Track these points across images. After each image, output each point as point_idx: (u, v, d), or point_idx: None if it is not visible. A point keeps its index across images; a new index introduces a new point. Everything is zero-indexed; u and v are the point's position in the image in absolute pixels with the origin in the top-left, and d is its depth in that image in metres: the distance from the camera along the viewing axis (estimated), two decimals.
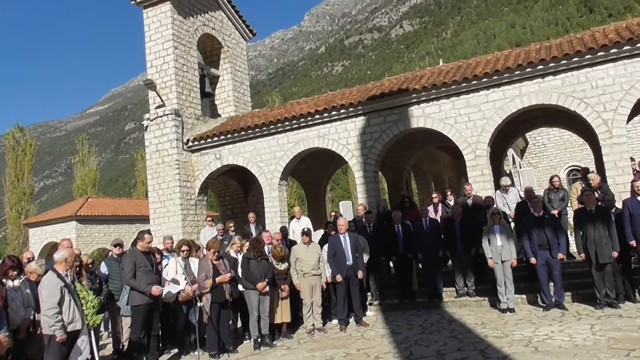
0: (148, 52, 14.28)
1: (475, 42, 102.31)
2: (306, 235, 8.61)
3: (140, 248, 7.17)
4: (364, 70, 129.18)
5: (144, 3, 14.25)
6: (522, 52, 11.70)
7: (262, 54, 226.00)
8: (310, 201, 17.59)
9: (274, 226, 12.62)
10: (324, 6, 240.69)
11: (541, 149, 25.92)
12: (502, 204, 10.30)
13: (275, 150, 13.34)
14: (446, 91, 11.27)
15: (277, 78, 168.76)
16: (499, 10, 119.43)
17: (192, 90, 14.53)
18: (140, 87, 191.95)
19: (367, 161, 12.23)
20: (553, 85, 10.39)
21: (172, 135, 13.66)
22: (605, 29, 11.19)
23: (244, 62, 17.11)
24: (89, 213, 29.06)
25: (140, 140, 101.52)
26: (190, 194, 13.93)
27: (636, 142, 23.36)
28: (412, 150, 15.74)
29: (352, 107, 12.22)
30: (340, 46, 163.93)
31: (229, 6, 16.41)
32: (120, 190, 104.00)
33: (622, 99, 9.79)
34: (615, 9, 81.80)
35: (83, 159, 41.66)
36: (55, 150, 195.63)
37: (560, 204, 9.78)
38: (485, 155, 11.04)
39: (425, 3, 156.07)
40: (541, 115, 13.48)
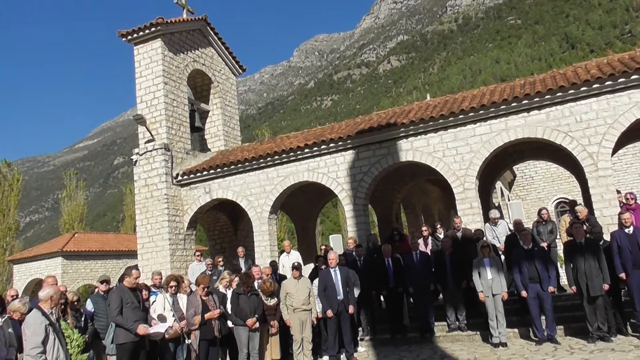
0: (138, 87, 14.37)
1: (461, 77, 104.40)
2: (296, 270, 8.53)
3: (127, 284, 7.04)
4: (353, 105, 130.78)
5: (135, 40, 14.42)
6: (508, 87, 11.94)
7: (252, 88, 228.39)
8: (300, 235, 17.50)
9: (264, 260, 12.50)
10: (312, 42, 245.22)
11: (529, 181, 26.16)
12: (491, 236, 10.33)
13: (265, 184, 13.34)
14: (434, 125, 11.42)
15: (267, 112, 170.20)
16: (483, 46, 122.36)
17: (182, 125, 14.59)
18: (130, 121, 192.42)
19: (356, 194, 12.25)
20: (538, 119, 10.57)
21: (162, 169, 13.62)
22: (588, 64, 11.49)
23: (233, 97, 17.27)
24: (76, 249, 28.60)
25: (129, 174, 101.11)
26: (179, 229, 13.81)
27: (622, 175, 23.68)
28: (402, 183, 15.82)
29: (341, 141, 12.31)
30: (329, 81, 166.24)
31: (219, 43, 16.66)
32: (108, 225, 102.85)
33: (606, 133, 9.98)
34: (596, 45, 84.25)
35: (70, 193, 41.27)
36: (42, 185, 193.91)
37: (549, 237, 9.83)
38: (474, 188, 11.12)
39: (411, 40, 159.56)
40: (528, 149, 13.66)
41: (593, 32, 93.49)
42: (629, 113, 9.85)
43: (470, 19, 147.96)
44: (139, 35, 14.27)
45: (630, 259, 7.68)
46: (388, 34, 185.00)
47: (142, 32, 14.18)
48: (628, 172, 24.15)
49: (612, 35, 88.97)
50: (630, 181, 23.62)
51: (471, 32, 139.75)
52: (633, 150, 23.73)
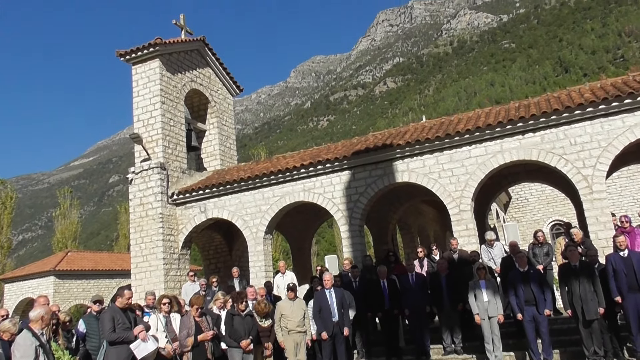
0: (135, 106, 14.42)
1: (457, 99, 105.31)
2: (291, 291, 8.47)
3: (119, 304, 6.96)
4: (349, 125, 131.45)
5: (133, 60, 14.52)
6: (502, 110, 12.04)
7: (249, 108, 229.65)
8: (296, 255, 17.41)
9: (259, 281, 12.41)
10: (309, 63, 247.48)
11: (524, 203, 26.22)
12: (487, 258, 10.30)
13: (260, 204, 13.31)
14: (429, 147, 11.48)
15: (263, 132, 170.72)
16: (478, 69, 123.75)
17: (179, 144, 14.60)
18: (126, 140, 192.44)
19: (352, 215, 12.24)
20: (533, 142, 10.65)
21: (157, 188, 13.59)
22: (581, 88, 11.62)
23: (230, 117, 17.34)
24: (68, 268, 28.32)
25: (124, 193, 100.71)
26: (174, 248, 13.72)
27: (616, 198, 23.79)
28: (397, 204, 15.82)
29: (337, 161, 12.34)
30: (326, 102, 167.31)
31: (217, 63, 16.79)
32: (101, 244, 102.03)
33: (600, 156, 10.04)
34: (589, 69, 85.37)
35: (64, 212, 41.01)
36: (36, 203, 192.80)
37: (545, 259, 9.81)
38: (470, 209, 11.13)
39: (407, 62, 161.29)
40: (523, 171, 13.72)
41: (586, 57, 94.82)
42: (622, 136, 9.94)
43: (465, 42, 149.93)
44: (137, 55, 14.37)
45: (625, 282, 7.67)
46: (384, 56, 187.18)
47: (140, 52, 14.28)
48: (622, 195, 24.27)
49: (605, 59, 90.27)
50: (624, 204, 23.72)
51: (466, 55, 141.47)
52: (627, 173, 23.88)
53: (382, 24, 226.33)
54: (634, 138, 9.88)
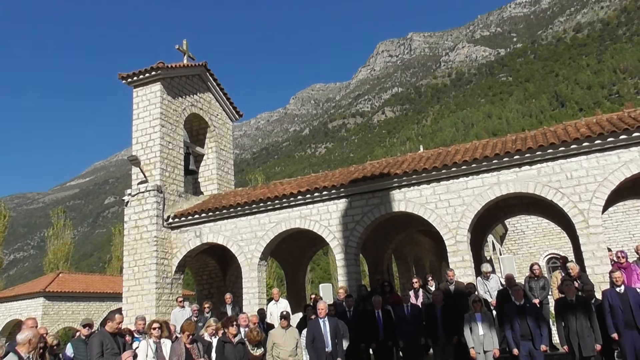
0: (135, 129, 14.46)
1: (454, 130, 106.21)
2: (284, 319, 8.36)
3: (109, 329, 6.85)
4: (347, 153, 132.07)
5: (135, 83, 14.62)
6: (499, 142, 12.12)
7: (248, 133, 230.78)
8: (290, 282, 17.25)
9: (252, 308, 12.27)
10: (309, 91, 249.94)
11: (520, 235, 26.19)
12: (483, 291, 10.22)
13: (256, 230, 13.25)
14: (427, 177, 11.51)
15: (261, 157, 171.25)
16: (475, 100, 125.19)
17: (176, 168, 14.60)
18: (124, 161, 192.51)
19: (348, 243, 12.18)
20: (530, 175, 10.69)
21: (153, 211, 13.53)
22: (577, 123, 11.74)
23: (229, 142, 17.40)
24: (59, 289, 27.90)
25: (119, 214, 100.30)
26: (167, 272, 13.58)
27: (612, 232, 23.80)
28: (394, 233, 15.77)
29: (334, 189, 12.34)
30: (324, 129, 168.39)
31: (218, 89, 16.92)
32: (94, 266, 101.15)
33: (596, 190, 10.08)
34: (585, 104, 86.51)
35: (58, 232, 40.65)
36: (30, 222, 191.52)
37: (541, 293, 9.74)
38: (466, 240, 11.09)
39: (406, 92, 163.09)
40: (519, 203, 13.75)
41: (582, 92, 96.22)
42: (618, 172, 10.00)
43: (463, 74, 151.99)
44: (139, 79, 14.47)
45: (622, 318, 7.60)
46: (383, 85, 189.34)
47: (142, 76, 14.39)
48: (619, 229, 24.30)
49: (600, 95, 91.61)
50: (620, 239, 23.72)
51: (464, 87, 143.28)
52: (623, 208, 23.97)
53: (382, 54, 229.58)
54: (629, 173, 9.95)
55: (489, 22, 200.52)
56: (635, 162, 9.91)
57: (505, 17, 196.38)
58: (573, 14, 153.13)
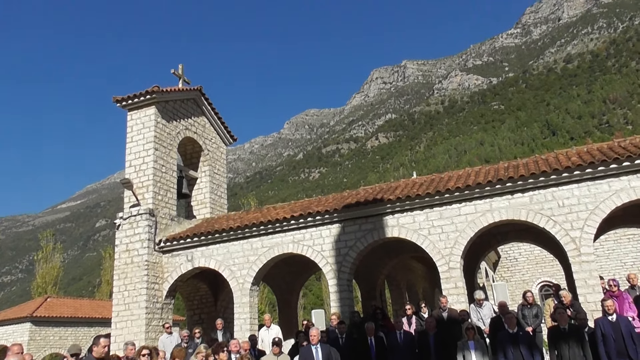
0: (128, 152, 14.46)
1: (447, 157, 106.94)
2: (276, 346, 8.27)
3: (96, 354, 6.70)
4: (340, 178, 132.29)
5: (130, 106, 14.67)
6: (492, 169, 12.22)
7: (241, 157, 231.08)
8: (282, 308, 17.07)
9: (243, 334, 12.11)
10: (303, 116, 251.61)
11: (513, 263, 26.17)
12: (476, 318, 10.17)
13: (248, 254, 13.17)
14: (420, 203, 11.54)
15: (255, 182, 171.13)
16: (468, 128, 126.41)
17: (169, 191, 14.57)
18: (116, 184, 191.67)
19: (341, 269, 12.12)
20: (522, 202, 10.76)
21: (144, 235, 13.43)
22: (568, 152, 11.88)
23: (222, 166, 17.42)
24: (46, 314, 27.41)
25: (110, 238, 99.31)
26: (157, 297, 13.42)
27: (604, 260, 23.84)
28: (387, 259, 15.72)
29: (327, 214, 12.34)
30: (318, 154, 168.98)
31: (212, 113, 17.02)
32: (83, 290, 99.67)
33: (587, 218, 10.15)
34: (576, 133, 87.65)
35: (47, 255, 40.13)
36: (19, 245, 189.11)
37: (534, 321, 9.71)
38: (459, 267, 11.08)
39: (399, 118, 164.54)
40: (512, 230, 13.78)
41: (573, 121, 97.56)
42: (609, 200, 10.09)
43: (456, 102, 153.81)
44: (134, 102, 14.53)
45: (614, 347, 7.59)
46: (377, 111, 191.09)
47: (137, 99, 14.46)
48: (610, 258, 24.35)
49: (590, 124, 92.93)
50: (612, 267, 23.76)
51: (457, 114, 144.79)
52: (614, 237, 24.05)
53: (376, 81, 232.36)
54: (620, 202, 10.04)
55: (481, 52, 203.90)
56: (626, 191, 10.02)
57: (497, 46, 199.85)
58: (563, 45, 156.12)
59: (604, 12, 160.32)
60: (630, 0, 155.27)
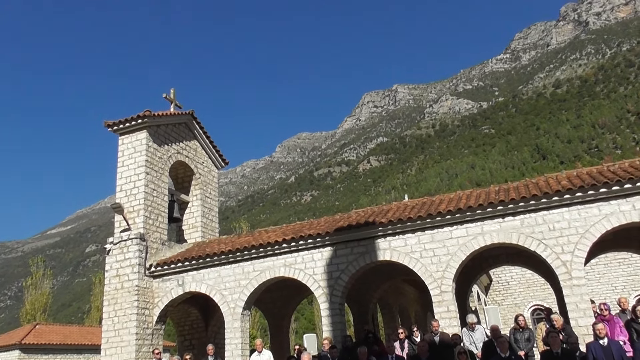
0: (119, 176, 14.42)
1: (438, 180, 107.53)
2: None
3: None
4: (332, 201, 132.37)
5: (121, 130, 14.68)
6: (483, 193, 12.30)
7: (233, 181, 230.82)
8: (274, 332, 16.87)
9: (235, 359, 11.95)
10: (295, 139, 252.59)
11: (505, 286, 26.14)
12: (468, 342, 10.12)
13: (240, 279, 13.08)
14: (412, 226, 11.57)
15: (246, 205, 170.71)
16: (459, 151, 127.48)
17: (160, 215, 14.51)
18: (106, 209, 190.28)
19: (333, 292, 12.05)
20: (513, 226, 10.81)
21: (135, 260, 13.32)
22: (558, 175, 11.99)
23: (214, 190, 17.40)
24: (35, 342, 26.97)
25: (100, 263, 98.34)
26: (148, 323, 13.25)
27: (595, 284, 23.87)
28: (379, 282, 15.66)
29: (319, 237, 12.32)
30: (310, 177, 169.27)
31: (204, 137, 17.07)
32: (72, 316, 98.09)
33: (578, 242, 10.21)
34: (566, 157, 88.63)
35: (36, 282, 39.59)
36: (7, 272, 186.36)
37: (526, 345, 9.68)
38: (451, 290, 11.06)
39: (391, 142, 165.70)
40: (503, 253, 13.81)
41: (562, 145, 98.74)
42: (599, 224, 10.16)
43: (447, 125, 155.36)
44: (125, 126, 14.55)
45: None
46: (368, 135, 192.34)
47: (128, 124, 14.48)
48: (601, 281, 24.40)
49: (580, 149, 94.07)
50: (603, 291, 23.79)
51: (448, 137, 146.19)
52: (605, 261, 24.13)
53: (367, 104, 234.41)
54: (610, 226, 10.12)
55: (471, 76, 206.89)
56: (616, 215, 10.11)
57: (487, 71, 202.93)
58: (552, 70, 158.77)
59: (592, 38, 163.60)
60: (618, 27, 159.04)
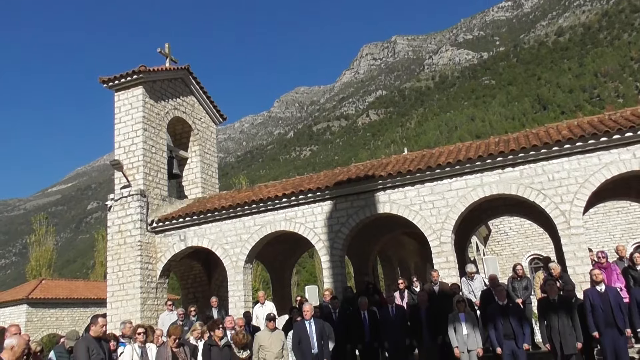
0: (117, 133, 14.34)
1: (438, 132, 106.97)
2: (271, 321, 8.35)
3: (93, 334, 6.78)
4: (332, 156, 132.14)
5: (116, 87, 14.50)
6: (483, 144, 12.26)
7: (232, 137, 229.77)
8: (276, 285, 17.22)
9: (238, 311, 12.23)
10: (293, 94, 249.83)
11: (503, 237, 26.47)
12: (467, 291, 10.32)
13: (241, 233, 13.21)
14: (411, 179, 11.59)
15: (246, 161, 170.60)
16: (459, 103, 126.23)
17: (160, 172, 14.51)
18: (106, 166, 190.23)
19: (333, 245, 12.21)
20: (512, 177, 10.83)
21: (136, 216, 13.42)
22: (559, 125, 11.91)
23: (213, 145, 17.33)
24: (42, 296, 27.54)
25: (102, 220, 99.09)
26: (152, 277, 13.48)
27: (593, 233, 24.15)
28: (379, 235, 15.83)
29: (319, 191, 12.37)
30: (309, 132, 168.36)
31: (201, 92, 16.86)
32: (77, 272, 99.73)
33: (577, 192, 10.24)
34: (567, 107, 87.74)
35: (40, 239, 40.09)
36: (11, 229, 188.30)
37: (524, 293, 9.87)
38: (450, 242, 11.19)
39: (390, 95, 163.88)
40: (502, 205, 13.89)
41: (564, 95, 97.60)
42: (598, 174, 10.17)
43: (447, 77, 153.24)
44: (120, 82, 14.36)
45: (603, 317, 7.74)
46: (367, 88, 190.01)
47: (124, 79, 14.29)
48: (599, 230, 24.67)
49: (581, 98, 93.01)
50: (601, 240, 24.09)
51: (447, 90, 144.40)
52: (603, 210, 24.34)
53: (366, 57, 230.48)
54: (609, 175, 10.13)
55: (472, 26, 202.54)
56: (615, 164, 10.10)
57: (488, 20, 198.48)
58: (555, 17, 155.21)
59: None
60: None
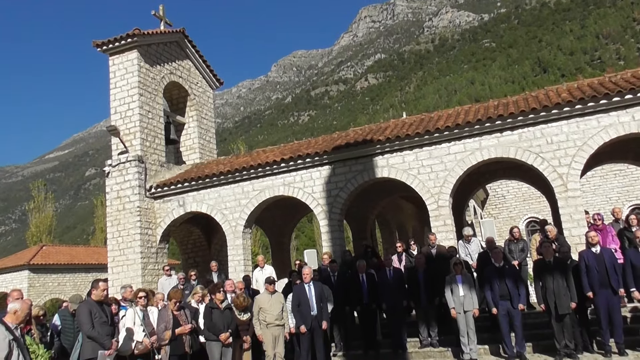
0: (113, 98, 14.20)
1: (437, 97, 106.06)
2: (271, 284, 8.47)
3: (95, 297, 6.86)
4: (330, 121, 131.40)
5: (110, 50, 14.27)
6: (482, 108, 12.19)
7: (229, 102, 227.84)
8: (275, 249, 17.40)
9: (237, 275, 12.38)
10: (290, 58, 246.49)
11: (501, 200, 26.61)
12: (464, 254, 10.44)
13: (240, 198, 13.26)
14: (409, 143, 11.57)
15: (244, 126, 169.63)
16: (459, 67, 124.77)
17: (157, 137, 14.44)
18: (103, 132, 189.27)
19: (332, 210, 12.28)
20: (511, 140, 10.81)
21: (135, 181, 13.43)
22: (559, 88, 11.82)
23: (210, 110, 17.20)
24: (43, 262, 27.81)
25: (100, 186, 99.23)
26: (152, 242, 13.59)
27: (590, 196, 24.28)
28: (377, 199, 15.91)
29: (317, 156, 12.36)
30: (307, 97, 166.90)
31: (197, 56, 16.62)
32: (77, 238, 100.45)
33: (575, 155, 10.25)
34: (567, 70, 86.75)
35: (39, 205, 40.21)
36: (10, 196, 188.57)
37: (520, 255, 9.99)
38: (448, 205, 11.26)
39: (389, 58, 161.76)
40: (500, 168, 13.92)
41: (564, 58, 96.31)
42: (597, 136, 10.16)
43: (447, 40, 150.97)
44: (114, 46, 14.13)
45: (597, 278, 7.86)
46: (366, 52, 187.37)
47: (117, 43, 14.05)
48: (596, 193, 24.80)
49: (582, 60, 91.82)
50: (597, 202, 24.25)
51: (447, 53, 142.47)
52: (601, 173, 24.40)
53: (365, 20, 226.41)
54: (608, 138, 10.12)
55: None
56: (614, 127, 10.08)
57: None
58: None
59: None
60: None
